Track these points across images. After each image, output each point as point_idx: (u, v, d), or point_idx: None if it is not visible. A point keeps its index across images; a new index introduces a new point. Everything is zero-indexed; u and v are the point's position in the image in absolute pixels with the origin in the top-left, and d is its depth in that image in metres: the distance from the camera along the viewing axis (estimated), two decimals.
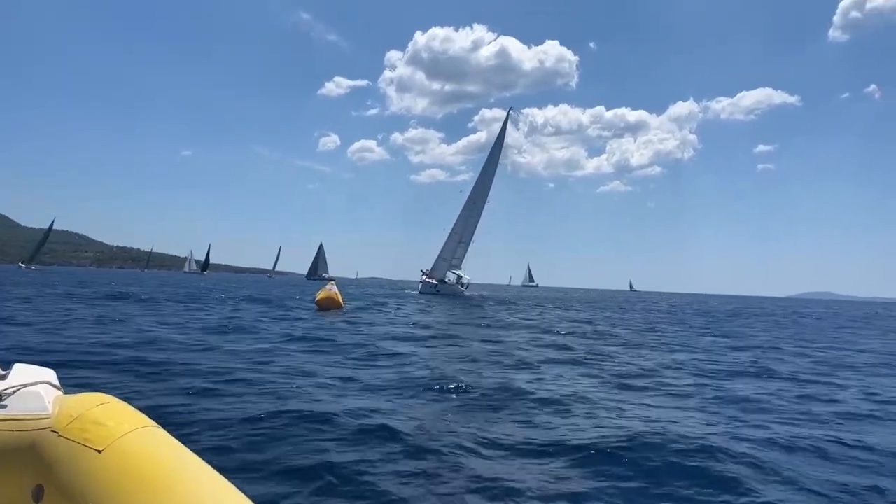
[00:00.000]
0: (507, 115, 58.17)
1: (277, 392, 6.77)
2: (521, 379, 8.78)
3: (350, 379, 8.11)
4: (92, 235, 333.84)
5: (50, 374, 1.91)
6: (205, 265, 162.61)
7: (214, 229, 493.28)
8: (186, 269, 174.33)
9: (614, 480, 4.50)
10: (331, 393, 7.06)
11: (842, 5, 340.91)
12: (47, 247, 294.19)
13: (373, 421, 5.68)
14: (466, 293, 55.91)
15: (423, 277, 56.54)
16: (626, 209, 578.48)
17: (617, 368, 10.55)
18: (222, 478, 1.59)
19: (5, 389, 1.74)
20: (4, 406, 1.71)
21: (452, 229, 56.70)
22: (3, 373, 1.84)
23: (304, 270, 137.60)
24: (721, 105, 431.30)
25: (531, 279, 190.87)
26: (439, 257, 56.89)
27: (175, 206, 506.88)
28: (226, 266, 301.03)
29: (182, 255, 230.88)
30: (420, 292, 55.02)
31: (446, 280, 56.27)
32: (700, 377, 9.93)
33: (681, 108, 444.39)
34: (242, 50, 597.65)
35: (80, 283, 41.09)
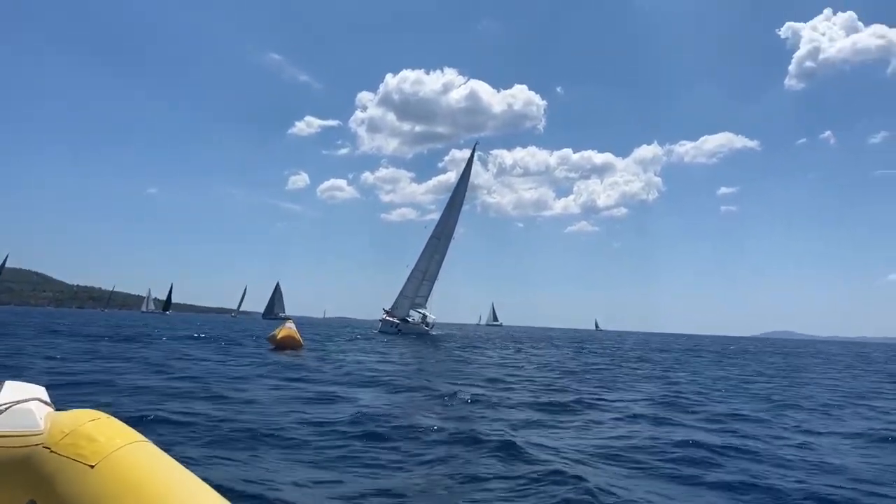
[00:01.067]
0: (473, 149, 57.52)
1: None
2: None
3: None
4: (51, 274, 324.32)
5: (40, 391, 1.89)
6: (166, 305, 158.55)
7: (179, 268, 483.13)
8: (144, 308, 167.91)
9: None
10: None
11: (797, 55, 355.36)
12: (4, 285, 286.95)
13: None
14: (432, 332, 53.88)
15: (384, 316, 54.15)
16: (593, 249, 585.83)
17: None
18: (215, 492, 1.56)
19: None
20: None
21: (415, 266, 54.53)
22: None
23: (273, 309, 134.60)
24: (684, 148, 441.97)
25: (495, 318, 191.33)
26: (401, 295, 54.36)
27: (139, 246, 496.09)
28: (190, 306, 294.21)
29: (143, 294, 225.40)
30: (380, 331, 52.58)
31: (409, 319, 53.93)
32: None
33: (645, 150, 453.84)
34: (212, 89, 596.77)
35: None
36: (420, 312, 54.83)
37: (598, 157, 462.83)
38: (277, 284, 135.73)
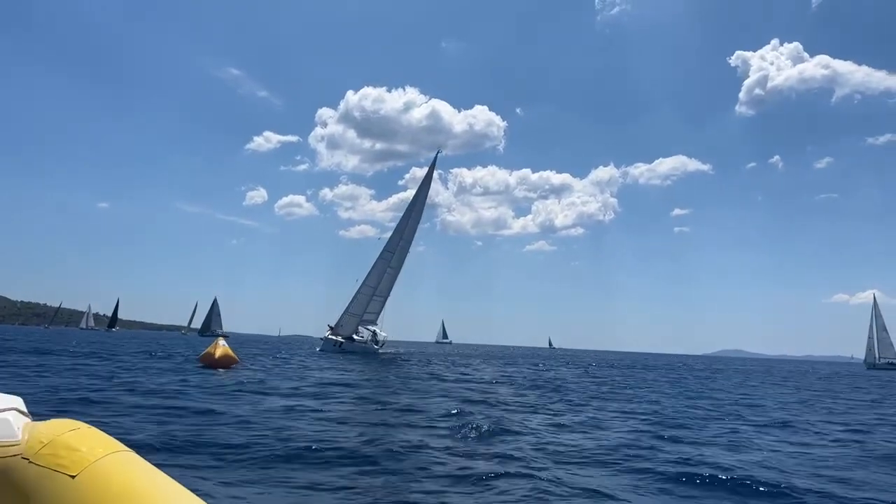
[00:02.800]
0: (435, 158, 54.42)
1: None
2: None
3: None
4: None
5: (17, 401, 1.83)
6: (112, 321, 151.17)
7: (129, 285, 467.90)
8: (83, 324, 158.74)
9: None
10: None
11: (746, 83, 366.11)
12: None
13: None
14: (381, 351, 50.12)
15: (327, 334, 50.34)
16: (551, 268, 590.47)
17: None
18: (200, 500, 1.54)
19: None
20: None
21: (364, 282, 50.75)
22: None
23: (225, 327, 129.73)
24: (639, 170, 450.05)
25: (445, 336, 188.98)
26: (346, 312, 50.53)
27: (88, 261, 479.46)
28: (140, 322, 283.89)
29: (97, 310, 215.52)
30: (320, 350, 48.93)
31: (358, 336, 50.40)
32: None
33: (602, 172, 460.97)
34: (169, 103, 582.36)
35: None
36: (370, 330, 51.47)
37: (557, 178, 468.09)
38: (214, 300, 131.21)
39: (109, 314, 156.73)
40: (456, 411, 11.92)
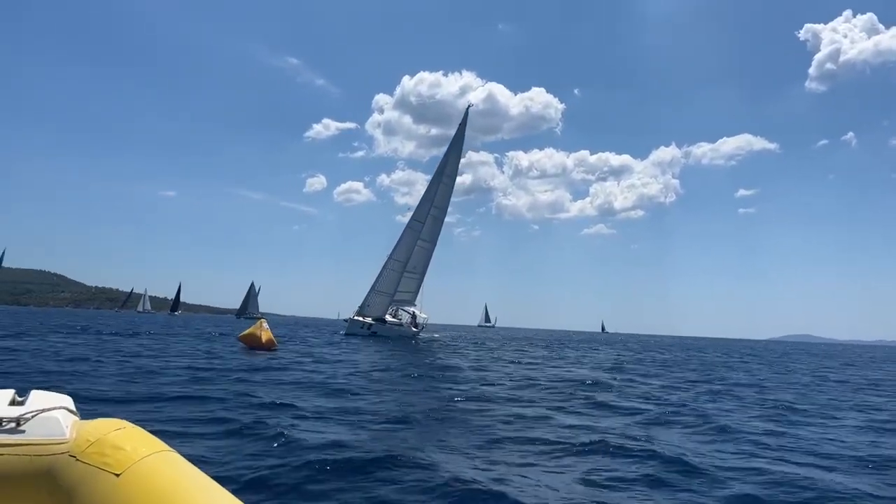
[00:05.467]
0: (466, 112, 46.88)
1: None
2: None
3: None
4: (70, 276, 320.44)
5: (67, 400, 1.82)
6: (174, 304, 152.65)
7: (194, 270, 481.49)
8: (140, 308, 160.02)
9: None
10: None
11: (817, 57, 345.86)
12: (24, 286, 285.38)
13: None
14: (421, 335, 44.34)
15: (352, 315, 42.90)
16: (609, 252, 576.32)
17: None
18: (239, 501, 1.51)
19: (24, 415, 1.65)
20: (23, 431, 1.61)
21: (391, 256, 43.53)
22: (21, 399, 1.76)
23: (285, 311, 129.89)
24: (702, 150, 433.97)
25: (487, 319, 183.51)
26: (373, 290, 43.23)
27: (156, 247, 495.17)
28: (206, 307, 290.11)
29: (162, 294, 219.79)
30: (346, 333, 41.56)
31: (394, 318, 44.21)
32: None
33: (663, 153, 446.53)
34: (230, 94, 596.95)
35: None
36: (408, 312, 45.31)
37: (616, 159, 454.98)
38: (252, 284, 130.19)
39: (179, 298, 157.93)
40: None
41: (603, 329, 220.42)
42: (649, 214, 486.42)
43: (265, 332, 22.12)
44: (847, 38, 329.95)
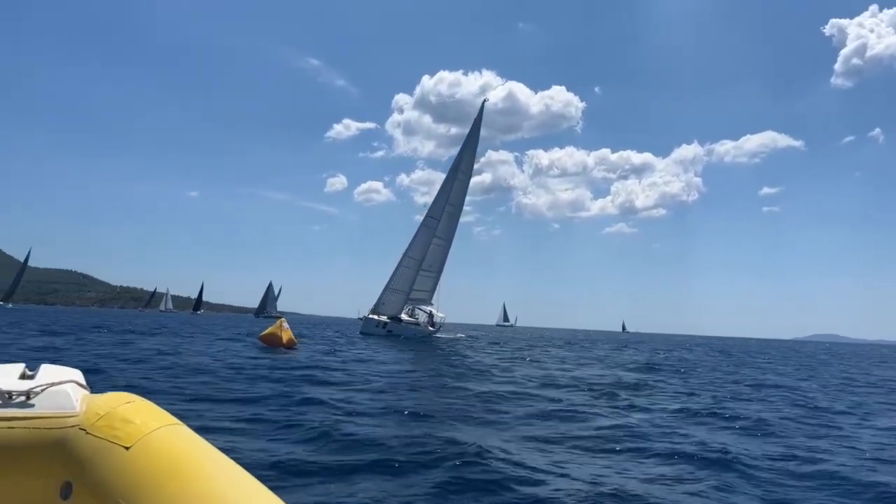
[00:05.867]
0: (482, 106, 46.24)
1: None
2: None
3: None
4: (96, 275, 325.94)
5: (76, 374, 1.83)
6: (197, 304, 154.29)
7: (216, 269, 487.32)
8: (162, 307, 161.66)
9: None
10: None
11: (843, 53, 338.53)
12: (50, 286, 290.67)
13: None
14: (438, 334, 43.44)
15: (367, 314, 41.90)
16: (630, 251, 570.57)
17: None
18: (248, 474, 1.49)
19: (33, 388, 1.64)
20: (32, 405, 1.61)
21: (406, 253, 42.64)
22: (31, 373, 1.78)
23: (306, 310, 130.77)
24: (725, 148, 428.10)
25: (506, 318, 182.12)
26: (388, 288, 42.33)
27: (179, 247, 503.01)
28: (228, 306, 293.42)
29: (185, 294, 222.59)
30: (361, 332, 40.38)
31: (410, 317, 43.41)
32: None
33: (686, 150, 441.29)
34: (253, 94, 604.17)
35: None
36: (425, 311, 44.56)
37: (637, 157, 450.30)
38: (270, 284, 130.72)
39: (201, 298, 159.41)
40: None
41: (624, 329, 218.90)
42: (671, 213, 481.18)
43: (285, 332, 22.25)
44: (874, 33, 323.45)
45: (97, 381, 9.09)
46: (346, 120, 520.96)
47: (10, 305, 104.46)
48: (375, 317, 40.86)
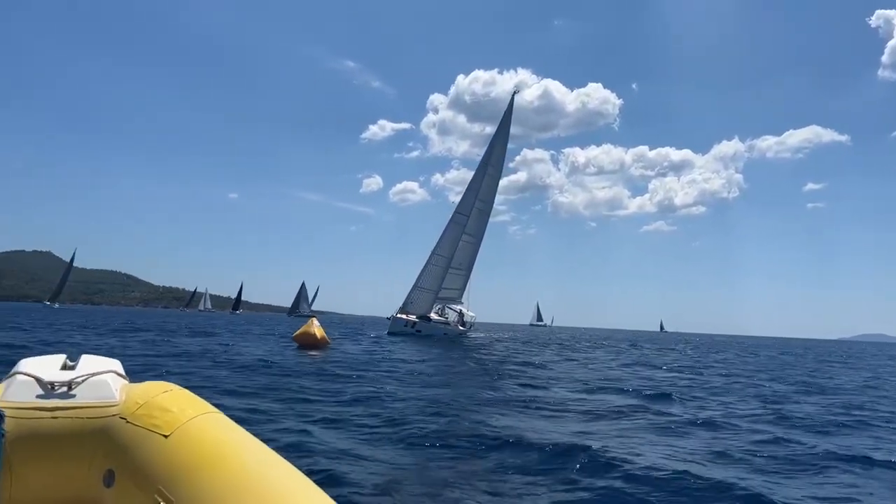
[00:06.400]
0: (512, 98, 44.46)
1: None
2: None
3: None
4: (140, 276, 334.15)
5: (116, 364, 1.89)
6: (236, 304, 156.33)
7: (255, 269, 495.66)
8: (201, 307, 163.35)
9: None
10: None
11: (890, 44, 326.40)
12: (96, 287, 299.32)
13: None
14: (470, 334, 42.39)
15: (395, 314, 40.12)
16: (669, 249, 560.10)
17: None
18: (285, 461, 1.53)
19: (74, 378, 1.70)
20: (74, 395, 1.67)
21: (434, 251, 41.15)
22: (72, 363, 1.82)
23: (344, 309, 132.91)
24: (767, 143, 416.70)
25: (540, 318, 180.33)
26: (416, 286, 40.97)
27: (220, 247, 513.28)
28: (267, 306, 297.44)
29: (225, 293, 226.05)
30: (389, 332, 38.78)
31: (440, 316, 42.23)
32: None
33: (726, 146, 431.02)
34: (290, 97, 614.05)
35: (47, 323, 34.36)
36: (455, 310, 43.30)
37: (676, 154, 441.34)
38: (303, 283, 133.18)
39: (240, 298, 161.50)
40: None
41: (661, 328, 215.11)
42: (711, 210, 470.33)
43: (318, 330, 22.34)
44: None
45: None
46: (381, 121, 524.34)
47: (57, 305, 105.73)
48: (404, 316, 39.77)
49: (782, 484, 5.15)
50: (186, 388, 1.82)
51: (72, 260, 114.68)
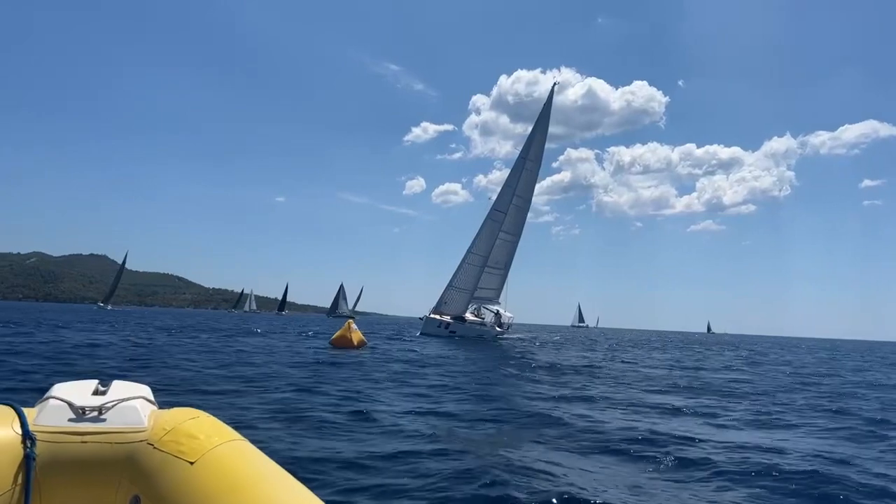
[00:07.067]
0: (552, 91, 42.48)
1: None
2: None
3: None
4: (191, 278, 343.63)
5: (145, 390, 1.89)
6: (281, 305, 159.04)
7: (303, 271, 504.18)
8: (246, 308, 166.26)
9: None
10: None
11: None
12: (150, 288, 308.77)
13: None
14: (507, 335, 40.91)
15: (429, 314, 38.93)
16: (717, 249, 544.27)
17: None
18: (308, 490, 1.56)
19: (105, 403, 1.72)
20: (104, 420, 1.69)
21: (470, 249, 39.54)
22: (104, 388, 1.82)
23: (387, 310, 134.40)
24: (821, 139, 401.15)
25: (581, 319, 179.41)
26: (451, 286, 39.44)
27: (267, 250, 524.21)
28: (313, 307, 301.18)
29: (272, 295, 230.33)
30: (422, 333, 37.84)
31: (476, 316, 41.00)
32: None
33: (777, 143, 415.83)
34: (335, 101, 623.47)
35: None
36: (491, 310, 42.04)
37: (725, 152, 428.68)
38: (341, 285, 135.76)
39: (285, 299, 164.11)
40: None
41: (709, 329, 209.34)
42: (762, 209, 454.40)
43: (355, 333, 22.48)
44: None
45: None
46: (424, 123, 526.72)
47: (109, 307, 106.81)
48: (437, 317, 38.50)
49: None
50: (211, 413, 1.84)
51: (123, 262, 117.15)
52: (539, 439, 6.66)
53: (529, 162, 40.60)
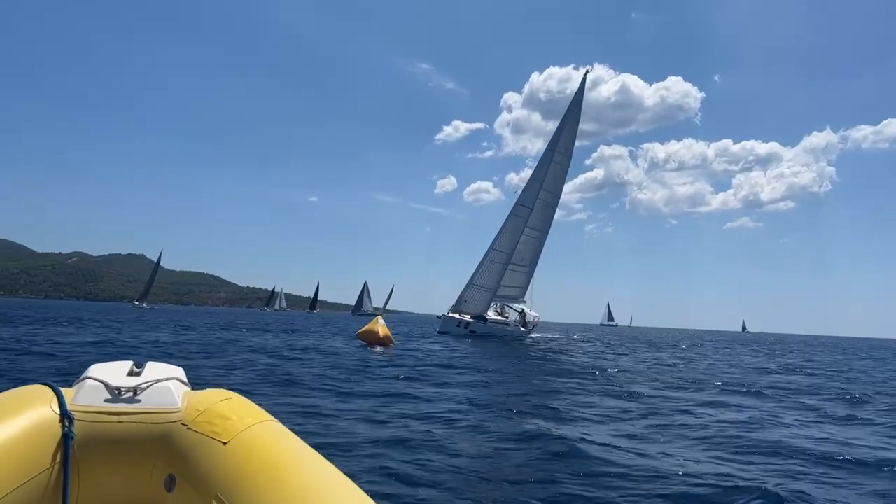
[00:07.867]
0: (584, 78, 40.23)
1: None
2: None
3: None
4: (226, 277, 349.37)
5: (179, 372, 1.93)
6: (313, 303, 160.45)
7: (334, 270, 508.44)
8: (276, 306, 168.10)
9: None
10: None
11: None
12: (186, 287, 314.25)
13: None
14: (532, 335, 39.44)
15: (447, 312, 37.48)
16: (754, 247, 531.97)
17: None
18: (338, 470, 1.57)
19: (140, 384, 1.75)
20: (139, 401, 1.72)
21: (493, 245, 37.74)
22: (138, 370, 1.86)
23: (417, 309, 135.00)
24: (863, 134, 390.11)
25: (611, 318, 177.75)
26: (471, 284, 37.78)
27: (300, 249, 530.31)
28: (345, 305, 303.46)
29: (305, 294, 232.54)
30: (439, 332, 36.37)
31: (500, 315, 39.72)
32: None
33: (817, 138, 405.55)
34: (366, 101, 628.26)
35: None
36: (516, 309, 40.60)
37: (762, 147, 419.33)
38: (365, 283, 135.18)
39: (317, 297, 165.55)
40: None
41: (744, 328, 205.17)
42: (800, 206, 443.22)
43: (382, 329, 22.47)
44: None
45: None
46: (455, 121, 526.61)
47: (146, 305, 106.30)
48: (456, 315, 37.10)
49: None
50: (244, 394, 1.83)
51: (158, 261, 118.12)
52: None
53: (558, 154, 38.37)
